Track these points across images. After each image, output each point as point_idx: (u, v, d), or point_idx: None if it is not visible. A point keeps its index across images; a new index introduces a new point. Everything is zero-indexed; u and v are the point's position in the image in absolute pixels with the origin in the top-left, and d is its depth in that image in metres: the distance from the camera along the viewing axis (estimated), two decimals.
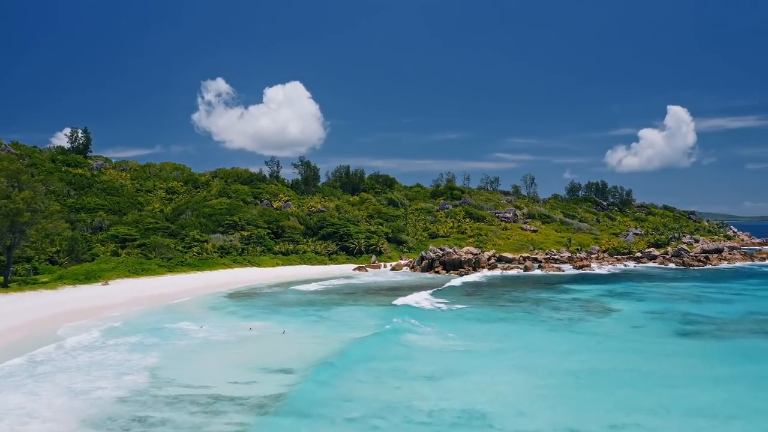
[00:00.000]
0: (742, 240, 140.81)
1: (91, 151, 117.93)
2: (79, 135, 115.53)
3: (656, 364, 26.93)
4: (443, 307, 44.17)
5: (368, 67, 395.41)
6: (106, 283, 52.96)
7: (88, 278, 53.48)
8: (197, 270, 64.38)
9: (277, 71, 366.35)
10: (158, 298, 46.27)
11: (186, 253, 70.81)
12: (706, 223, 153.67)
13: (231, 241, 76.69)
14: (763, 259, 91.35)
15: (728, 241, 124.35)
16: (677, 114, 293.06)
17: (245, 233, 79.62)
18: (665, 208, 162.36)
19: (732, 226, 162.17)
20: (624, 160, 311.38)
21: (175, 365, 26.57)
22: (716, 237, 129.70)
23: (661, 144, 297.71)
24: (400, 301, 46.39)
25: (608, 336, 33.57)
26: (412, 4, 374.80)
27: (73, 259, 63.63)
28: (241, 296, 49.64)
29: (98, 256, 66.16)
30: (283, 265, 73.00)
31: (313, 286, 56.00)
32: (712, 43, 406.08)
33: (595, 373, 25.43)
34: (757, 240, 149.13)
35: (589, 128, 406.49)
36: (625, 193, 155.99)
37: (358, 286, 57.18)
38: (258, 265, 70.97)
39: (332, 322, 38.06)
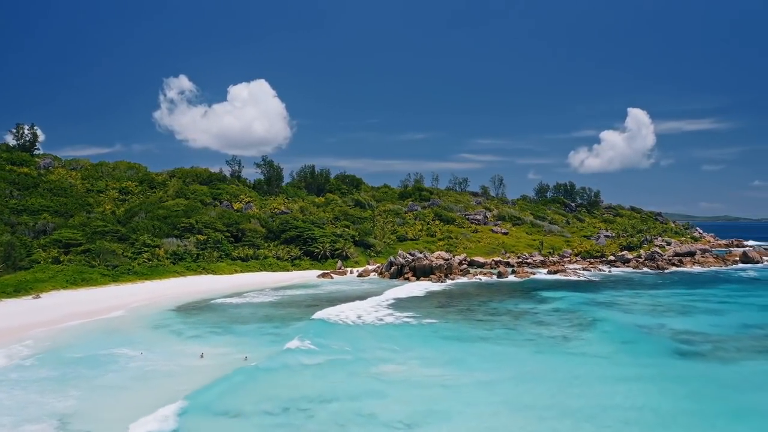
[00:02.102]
0: (709, 241, 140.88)
1: (38, 149, 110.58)
2: (26, 132, 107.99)
3: (665, 398, 23.23)
4: (412, 321, 40.05)
5: (334, 66, 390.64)
6: (38, 296, 47.24)
7: (18, 290, 47.72)
8: (146, 279, 58.87)
9: (242, 69, 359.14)
10: (94, 314, 40.88)
11: (135, 259, 65.09)
12: (673, 225, 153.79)
13: (185, 246, 71.18)
14: (736, 262, 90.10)
15: (696, 243, 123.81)
16: (637, 116, 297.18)
17: (202, 237, 74.16)
18: (632, 209, 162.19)
19: (698, 228, 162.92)
20: (586, 161, 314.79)
21: (96, 410, 21.71)
22: (683, 238, 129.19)
23: (621, 145, 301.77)
24: (369, 314, 42.21)
25: (602, 358, 29.86)
26: (377, 4, 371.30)
27: (10, 267, 57.42)
28: (192, 310, 44.55)
29: (39, 262, 60.11)
30: (241, 272, 67.91)
31: (272, 298, 51.21)
32: (671, 46, 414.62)
33: (602, 413, 21.55)
34: (723, 241, 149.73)
35: (553, 130, 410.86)
36: (593, 194, 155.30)
37: (321, 296, 52.58)
38: (214, 272, 65.71)
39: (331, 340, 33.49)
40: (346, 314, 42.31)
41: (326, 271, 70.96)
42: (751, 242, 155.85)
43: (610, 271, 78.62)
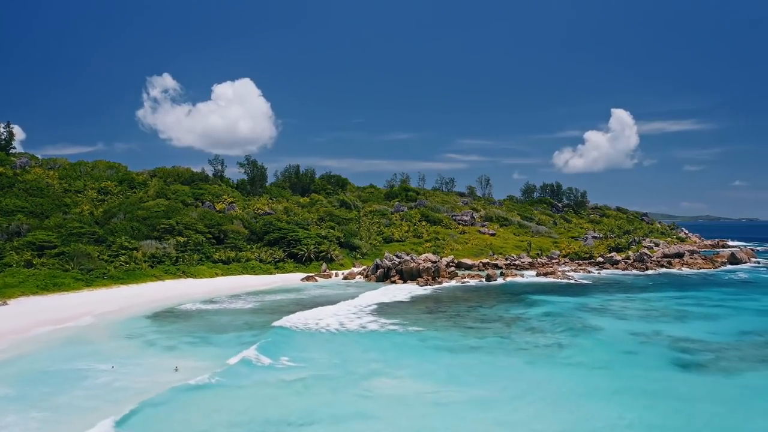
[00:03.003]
0: (695, 242, 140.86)
1: (14, 148, 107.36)
2: (2, 130, 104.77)
3: (670, 418, 21.68)
4: (398, 329, 38.29)
5: (320, 66, 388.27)
6: (5, 303, 44.82)
7: None
8: (121, 283, 56.47)
9: (227, 67, 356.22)
10: (63, 323, 38.57)
11: (112, 262, 62.52)
12: (659, 225, 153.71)
13: (165, 248, 68.74)
14: (724, 263, 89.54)
15: (683, 243, 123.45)
16: (621, 117, 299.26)
17: (182, 239, 71.73)
18: (618, 209, 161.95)
19: (683, 228, 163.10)
20: (570, 161, 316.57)
21: None
22: (669, 239, 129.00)
23: (605, 146, 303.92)
24: (354, 322, 40.42)
25: (601, 369, 28.32)
26: (364, 3, 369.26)
27: None
28: (168, 318, 42.37)
29: (11, 266, 57.44)
30: (222, 275, 65.66)
31: (252, 304, 49.11)
32: (654, 48, 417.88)
33: None
34: (708, 242, 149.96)
35: (537, 130, 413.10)
36: (579, 194, 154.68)
37: (305, 301, 50.61)
38: (194, 276, 63.41)
39: (299, 352, 31.49)
40: (326, 321, 40.44)
41: (310, 274, 68.98)
42: (734, 243, 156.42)
43: (599, 273, 77.52)
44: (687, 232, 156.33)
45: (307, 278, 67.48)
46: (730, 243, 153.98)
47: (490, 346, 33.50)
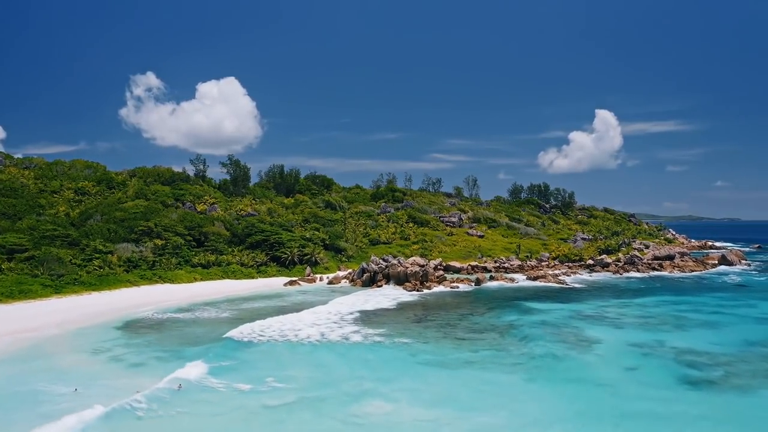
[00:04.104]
0: (682, 243, 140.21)
1: None
2: None
3: None
4: (385, 341, 35.98)
5: (307, 65, 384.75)
6: None
7: None
8: (93, 290, 53.50)
9: (211, 66, 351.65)
10: (24, 333, 35.76)
11: (85, 267, 59.49)
12: (646, 226, 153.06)
13: (141, 251, 65.83)
14: (715, 265, 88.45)
15: (671, 245, 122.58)
16: (605, 118, 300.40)
17: (160, 242, 68.79)
18: (606, 210, 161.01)
19: (670, 229, 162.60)
20: (555, 161, 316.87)
21: None
22: (657, 240, 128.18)
23: (590, 146, 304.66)
24: (335, 332, 38.05)
25: (606, 388, 26.20)
26: (349, 3, 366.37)
27: None
28: (140, 329, 39.65)
29: None
30: (201, 280, 62.88)
31: (228, 313, 46.29)
32: (637, 49, 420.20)
33: None
34: (695, 243, 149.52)
35: (522, 130, 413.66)
36: (567, 195, 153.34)
37: (287, 309, 48.04)
38: (171, 281, 60.56)
39: (257, 370, 29.04)
40: (306, 333, 38.03)
41: (293, 279, 66.40)
42: (720, 244, 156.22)
43: (590, 276, 75.80)
44: (674, 233, 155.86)
45: (290, 283, 64.92)
46: (717, 244, 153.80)
47: (485, 361, 31.27)
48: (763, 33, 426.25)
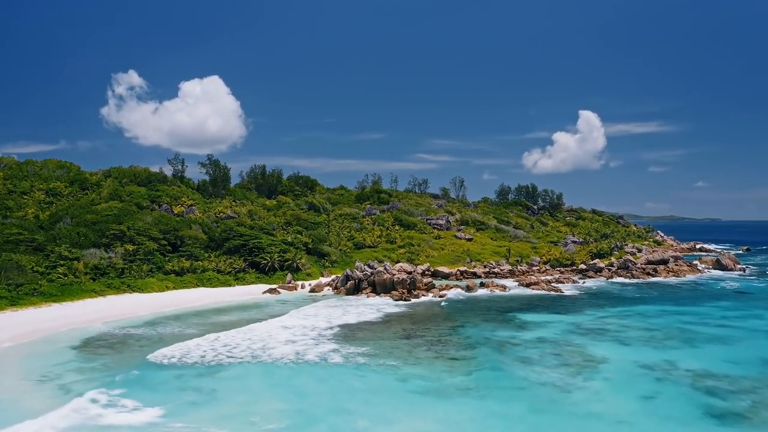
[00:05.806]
0: (671, 245, 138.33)
1: None
2: None
3: None
4: (370, 363, 32.49)
5: (291, 65, 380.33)
6: None
7: None
8: (54, 301, 49.30)
9: (194, 65, 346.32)
10: None
11: (49, 275, 55.22)
12: (635, 228, 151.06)
13: (110, 258, 61.62)
14: (709, 269, 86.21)
15: (661, 247, 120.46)
16: (588, 119, 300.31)
17: (131, 247, 64.57)
18: (594, 212, 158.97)
19: (659, 231, 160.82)
20: (539, 162, 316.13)
21: None
22: (646, 242, 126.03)
23: (573, 147, 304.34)
24: (311, 349, 34.49)
25: (625, 426, 22.93)
26: (332, 1, 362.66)
27: None
28: (98, 348, 35.69)
29: None
30: (174, 288, 58.86)
31: (197, 329, 41.98)
32: (620, 51, 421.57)
33: None
34: (685, 245, 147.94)
35: (507, 131, 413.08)
36: (555, 196, 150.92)
37: (262, 321, 44.33)
38: (141, 290, 56.46)
39: (229, 404, 25.36)
40: (280, 351, 34.46)
41: (273, 287, 62.62)
42: (708, 245, 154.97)
43: (584, 283, 72.93)
44: (663, 235, 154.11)
45: (270, 291, 61.18)
46: (706, 246, 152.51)
47: (483, 387, 27.81)
48: (744, 36, 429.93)
